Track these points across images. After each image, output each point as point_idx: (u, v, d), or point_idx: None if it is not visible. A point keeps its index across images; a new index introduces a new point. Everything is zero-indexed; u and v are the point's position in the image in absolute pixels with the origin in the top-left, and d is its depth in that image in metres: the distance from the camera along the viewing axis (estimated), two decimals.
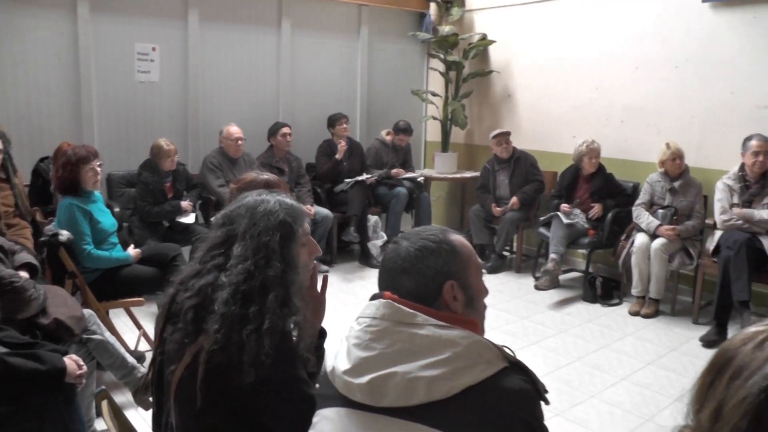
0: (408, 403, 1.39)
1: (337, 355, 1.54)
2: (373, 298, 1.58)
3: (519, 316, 5.55)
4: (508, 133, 6.83)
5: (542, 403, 1.48)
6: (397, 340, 1.45)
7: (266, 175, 2.81)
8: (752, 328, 1.11)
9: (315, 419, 1.56)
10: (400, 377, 1.40)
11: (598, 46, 6.63)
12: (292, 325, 1.79)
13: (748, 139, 5.25)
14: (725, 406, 1.05)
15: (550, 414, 3.88)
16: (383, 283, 1.62)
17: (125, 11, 6.06)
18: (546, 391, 1.49)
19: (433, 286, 1.55)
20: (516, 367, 1.47)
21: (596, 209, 6.16)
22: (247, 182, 2.75)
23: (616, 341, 5.09)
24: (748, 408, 1.02)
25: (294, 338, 1.79)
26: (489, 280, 6.42)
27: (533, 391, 1.45)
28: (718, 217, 5.33)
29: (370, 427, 1.44)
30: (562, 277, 6.31)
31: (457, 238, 1.63)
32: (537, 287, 6.06)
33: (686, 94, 6.03)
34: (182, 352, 1.76)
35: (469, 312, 1.59)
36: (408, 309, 1.49)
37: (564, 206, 6.17)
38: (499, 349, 1.47)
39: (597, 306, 5.87)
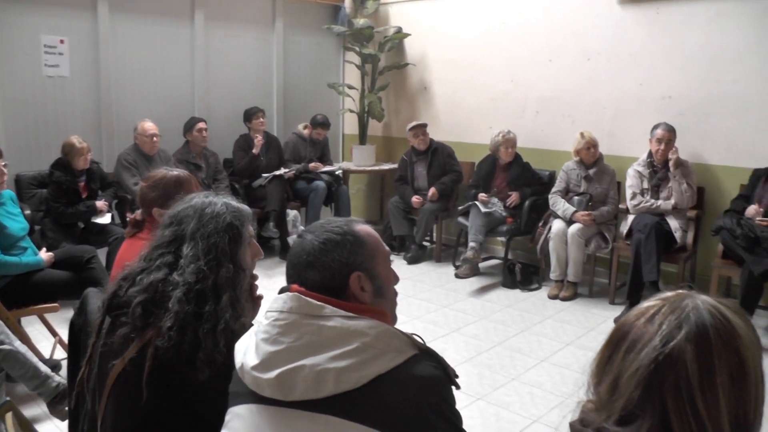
0: (317, 395, 1.38)
1: (246, 351, 1.50)
2: (282, 291, 1.55)
3: (440, 304, 5.58)
4: (424, 125, 6.87)
5: (453, 388, 1.49)
6: (305, 332, 1.43)
7: (176, 172, 2.79)
8: (645, 304, 1.16)
9: (227, 417, 1.53)
10: (309, 370, 1.38)
11: (513, 40, 6.74)
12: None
13: (655, 127, 5.54)
14: (621, 379, 1.09)
15: (472, 398, 3.94)
16: (290, 278, 1.59)
17: (30, 0, 5.79)
18: (456, 376, 1.50)
19: (339, 279, 1.54)
20: (426, 353, 1.48)
21: (513, 197, 6.26)
22: (157, 179, 2.73)
23: (536, 324, 5.18)
24: (640, 379, 1.07)
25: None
26: (410, 270, 6.46)
27: (443, 376, 1.46)
28: (630, 203, 5.56)
29: (281, 422, 1.42)
30: (482, 265, 6.42)
31: (363, 228, 1.61)
32: (457, 276, 6.11)
33: (598, 85, 6.23)
34: (127, 346, 1.74)
35: (378, 301, 1.58)
36: (315, 301, 1.47)
37: (481, 195, 6.25)
38: (408, 337, 1.47)
39: (517, 291, 5.97)
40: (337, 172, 7.34)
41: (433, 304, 5.57)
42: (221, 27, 7.04)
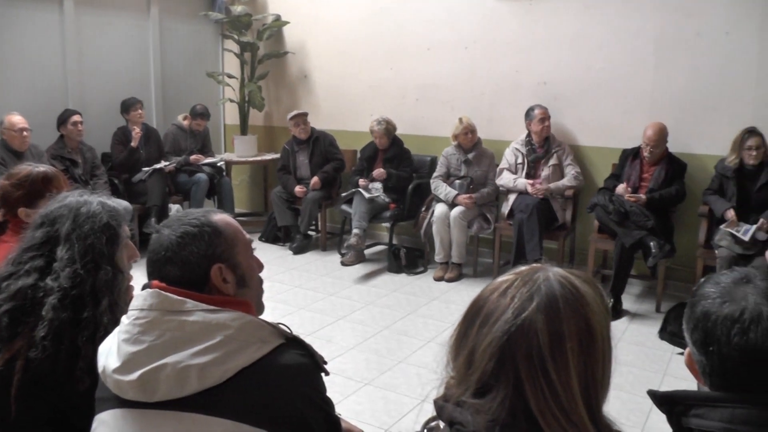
0: (181, 393, 1.34)
1: (108, 353, 1.43)
2: (144, 288, 1.49)
3: (326, 292, 5.57)
4: (305, 114, 6.82)
5: (323, 375, 1.49)
6: (167, 329, 1.39)
7: (43, 168, 2.62)
8: (499, 278, 1.18)
9: (93, 425, 1.46)
10: (171, 368, 1.34)
11: (392, 28, 6.79)
12: None
13: (531, 109, 5.80)
14: (476, 352, 1.11)
15: (360, 384, 3.95)
16: (150, 275, 1.53)
17: None
18: (325, 362, 1.50)
19: (200, 272, 1.49)
20: (293, 342, 1.46)
21: (379, 173, 6.32)
22: (22, 177, 2.54)
23: (422, 307, 5.26)
24: (493, 350, 1.09)
25: None
26: (295, 260, 6.43)
27: (311, 364, 1.46)
28: (496, 179, 5.88)
29: (146, 425, 1.37)
30: (367, 252, 6.46)
31: (221, 218, 1.58)
32: (343, 263, 6.12)
33: (476, 72, 6.39)
34: None
35: (242, 292, 1.56)
36: (176, 296, 1.43)
37: (361, 181, 6.29)
38: (274, 327, 1.46)
39: (402, 276, 6.03)
40: (219, 164, 7.19)
41: (319, 293, 5.55)
42: (92, 14, 6.70)
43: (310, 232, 6.97)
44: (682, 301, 5.03)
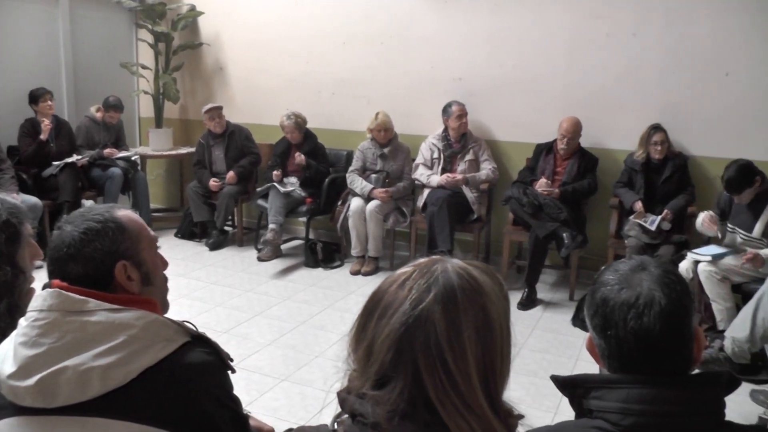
0: (84, 397, 1.29)
1: (3, 359, 1.36)
2: (45, 287, 1.43)
3: (243, 289, 5.50)
4: (220, 108, 6.71)
5: (230, 372, 1.48)
6: (68, 330, 1.33)
7: None
8: (399, 271, 1.19)
9: None
10: (72, 371, 1.29)
11: (307, 22, 6.74)
12: None
13: (448, 105, 5.86)
14: (375, 344, 1.12)
15: (276, 380, 3.93)
16: (51, 274, 1.47)
17: None
18: (231, 360, 1.49)
19: (103, 270, 1.45)
20: (198, 340, 1.44)
21: (300, 159, 6.24)
22: None
23: (338, 301, 5.26)
24: (392, 342, 1.10)
25: None
26: (212, 256, 6.33)
27: (217, 361, 1.44)
28: (413, 173, 5.93)
29: None
30: (284, 246, 6.40)
31: (125, 213, 1.53)
32: (260, 259, 6.04)
33: (392, 67, 6.43)
34: None
35: (147, 290, 1.52)
36: (78, 296, 1.37)
37: (275, 173, 6.24)
38: (179, 325, 1.43)
39: (319, 270, 6.01)
40: (133, 158, 6.96)
41: (236, 289, 5.48)
42: None
43: (226, 228, 6.86)
44: None
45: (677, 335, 1.29)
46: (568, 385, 1.34)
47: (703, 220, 4.58)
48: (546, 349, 4.46)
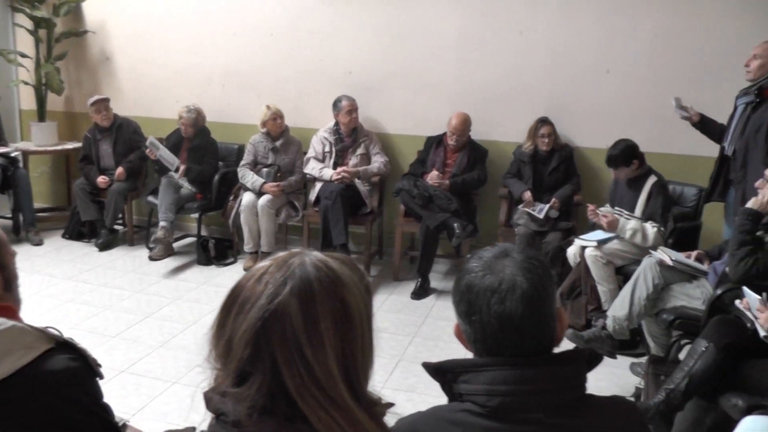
0: None
1: None
2: None
3: (133, 290, 5.35)
4: (107, 100, 6.46)
5: (98, 378, 1.44)
6: None
7: None
8: (257, 265, 1.18)
9: None
10: None
11: (197, 12, 6.57)
12: None
13: (338, 100, 5.85)
14: (233, 340, 1.11)
15: (167, 384, 3.87)
16: None
17: None
18: (99, 365, 1.44)
19: None
20: (63, 346, 1.39)
21: (181, 172, 6.10)
22: None
23: None
24: (249, 338, 1.09)
25: None
26: (101, 257, 6.13)
27: (82, 368, 1.40)
28: (304, 168, 5.93)
29: None
30: (176, 244, 6.23)
31: None
32: (151, 258, 5.85)
33: (282, 60, 6.36)
34: None
35: (5, 296, 1.47)
36: None
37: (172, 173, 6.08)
38: (41, 331, 1.38)
39: (212, 268, 5.92)
40: (13, 154, 6.55)
41: (126, 291, 5.32)
42: None
43: (116, 227, 6.61)
44: None
45: (538, 317, 1.34)
46: (438, 372, 1.36)
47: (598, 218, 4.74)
48: (438, 337, 4.63)
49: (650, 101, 5.50)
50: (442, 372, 1.36)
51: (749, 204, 3.51)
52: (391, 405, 1.20)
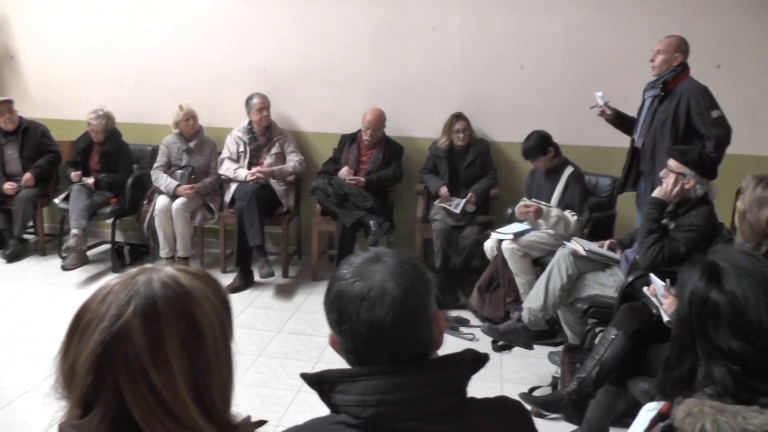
0: None
1: None
2: None
3: (45, 303, 5.14)
4: (10, 102, 6.15)
5: None
6: None
7: None
8: (104, 283, 1.11)
9: None
10: None
11: (104, 7, 6.34)
12: None
13: (250, 98, 5.78)
14: (76, 366, 1.04)
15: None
16: None
17: None
18: None
19: None
20: None
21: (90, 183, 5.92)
22: None
23: None
24: (90, 364, 1.03)
25: None
26: (10, 269, 5.87)
27: None
28: (219, 169, 5.83)
29: None
30: (90, 252, 6.02)
31: None
32: (64, 268, 5.59)
33: (195, 57, 6.22)
34: None
35: None
36: None
37: (74, 174, 5.89)
38: None
39: None
40: None
41: (36, 304, 5.12)
42: None
43: (26, 236, 6.33)
44: None
45: (411, 323, 1.30)
46: (315, 382, 1.32)
47: (519, 213, 4.82)
48: None
49: (564, 95, 5.62)
50: (319, 382, 1.32)
51: (655, 193, 3.67)
52: (263, 423, 1.17)
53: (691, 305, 1.54)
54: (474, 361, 1.36)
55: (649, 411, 1.89)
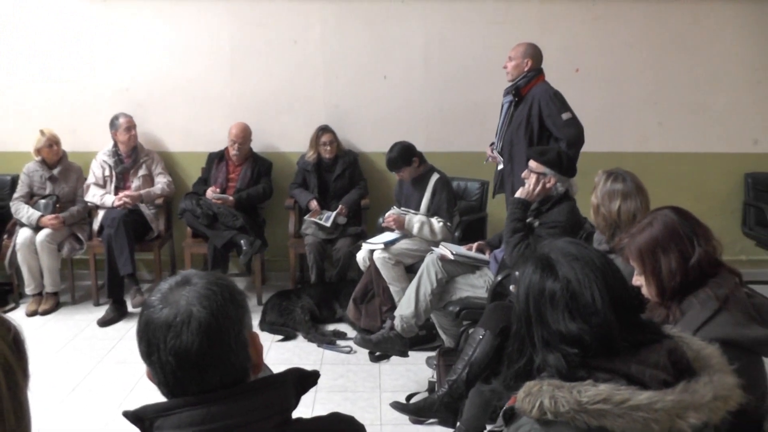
0: None
1: None
2: None
3: None
4: None
5: None
6: None
7: None
8: None
9: None
10: None
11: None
12: None
13: (115, 118, 5.63)
14: None
15: None
16: None
17: None
18: None
19: None
20: None
21: None
22: None
23: None
24: None
25: None
26: None
27: None
28: (85, 196, 5.64)
29: None
30: None
31: None
32: None
33: (52, 78, 5.91)
34: None
35: None
36: None
37: None
38: None
39: None
40: None
41: None
42: None
43: None
44: (280, 290, 5.38)
45: (221, 348, 1.25)
46: (136, 419, 1.26)
47: (384, 223, 4.91)
48: None
49: (428, 104, 5.76)
50: (139, 420, 1.25)
51: (518, 194, 3.81)
52: None
53: (527, 298, 1.58)
54: (302, 378, 1.34)
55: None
